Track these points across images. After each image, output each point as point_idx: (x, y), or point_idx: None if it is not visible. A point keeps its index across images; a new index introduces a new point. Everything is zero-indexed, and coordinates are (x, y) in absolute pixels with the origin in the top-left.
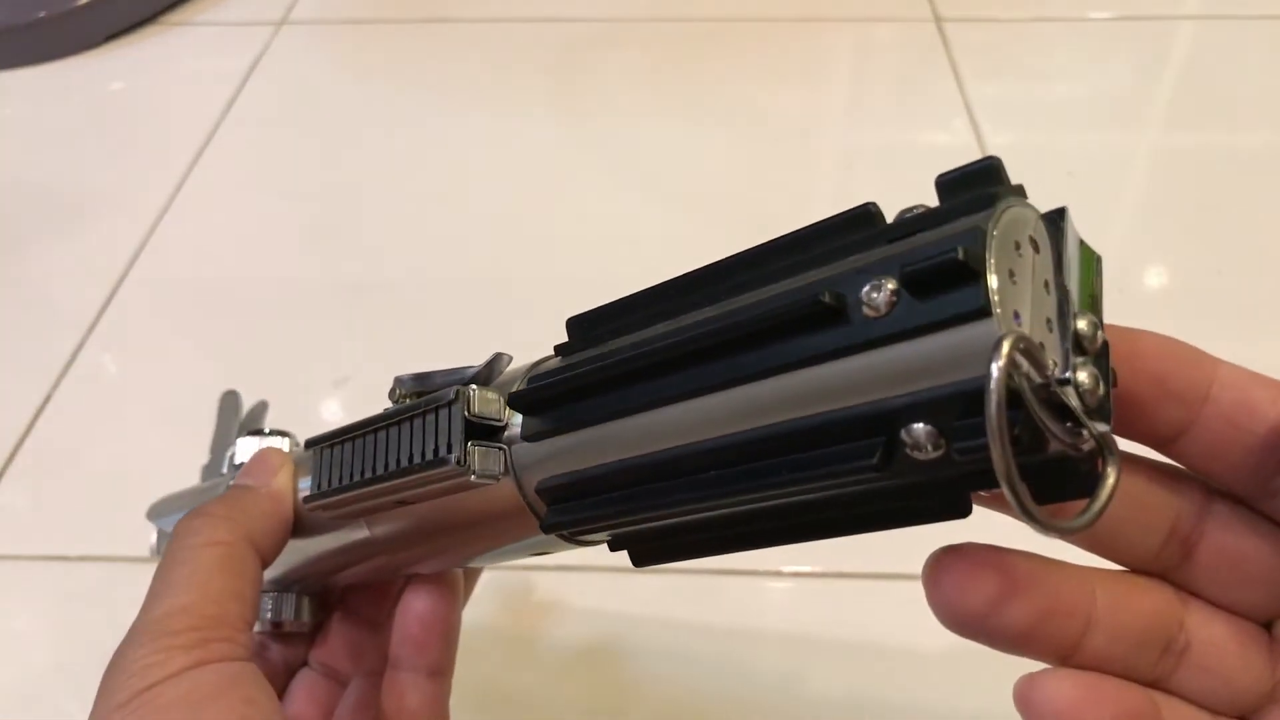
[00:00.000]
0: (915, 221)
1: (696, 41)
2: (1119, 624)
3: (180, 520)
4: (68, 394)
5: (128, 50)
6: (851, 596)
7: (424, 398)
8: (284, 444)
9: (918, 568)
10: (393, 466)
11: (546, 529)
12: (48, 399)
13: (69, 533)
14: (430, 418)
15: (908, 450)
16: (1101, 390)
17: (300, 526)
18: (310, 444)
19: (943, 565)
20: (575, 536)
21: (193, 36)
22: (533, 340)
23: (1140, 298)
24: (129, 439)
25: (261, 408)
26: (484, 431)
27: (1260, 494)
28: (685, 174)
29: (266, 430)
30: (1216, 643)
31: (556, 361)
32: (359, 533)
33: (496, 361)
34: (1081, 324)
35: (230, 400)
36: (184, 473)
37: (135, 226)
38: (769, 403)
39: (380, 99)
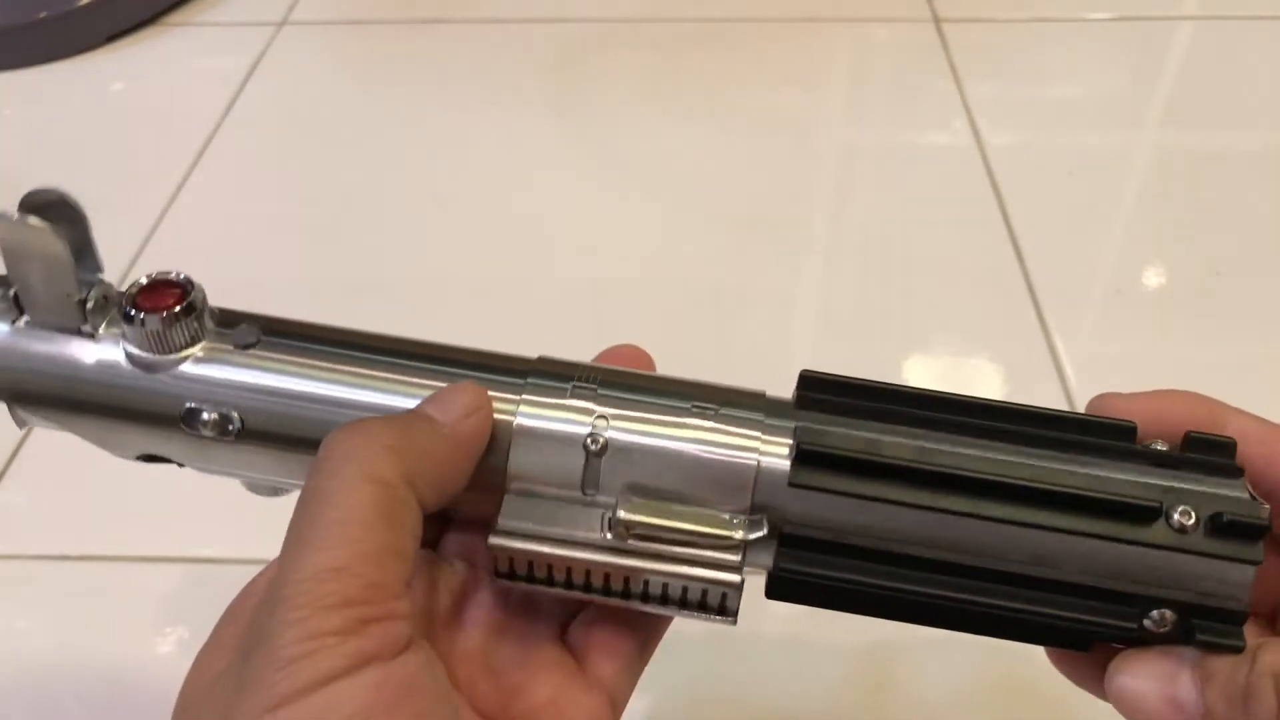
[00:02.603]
0: (1173, 459)
1: (696, 41)
2: None
3: (336, 432)
4: None
5: (128, 51)
6: None
7: (693, 554)
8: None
9: None
10: (649, 603)
11: (780, 572)
12: None
13: (69, 532)
14: (707, 586)
15: (1144, 620)
16: None
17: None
18: (495, 546)
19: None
20: (785, 576)
21: (193, 37)
22: (533, 341)
23: (1140, 298)
24: None
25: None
26: None
27: None
28: (685, 174)
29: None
30: None
31: (805, 413)
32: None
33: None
34: None
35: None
36: (184, 473)
37: (136, 227)
38: (1055, 555)
39: (381, 99)
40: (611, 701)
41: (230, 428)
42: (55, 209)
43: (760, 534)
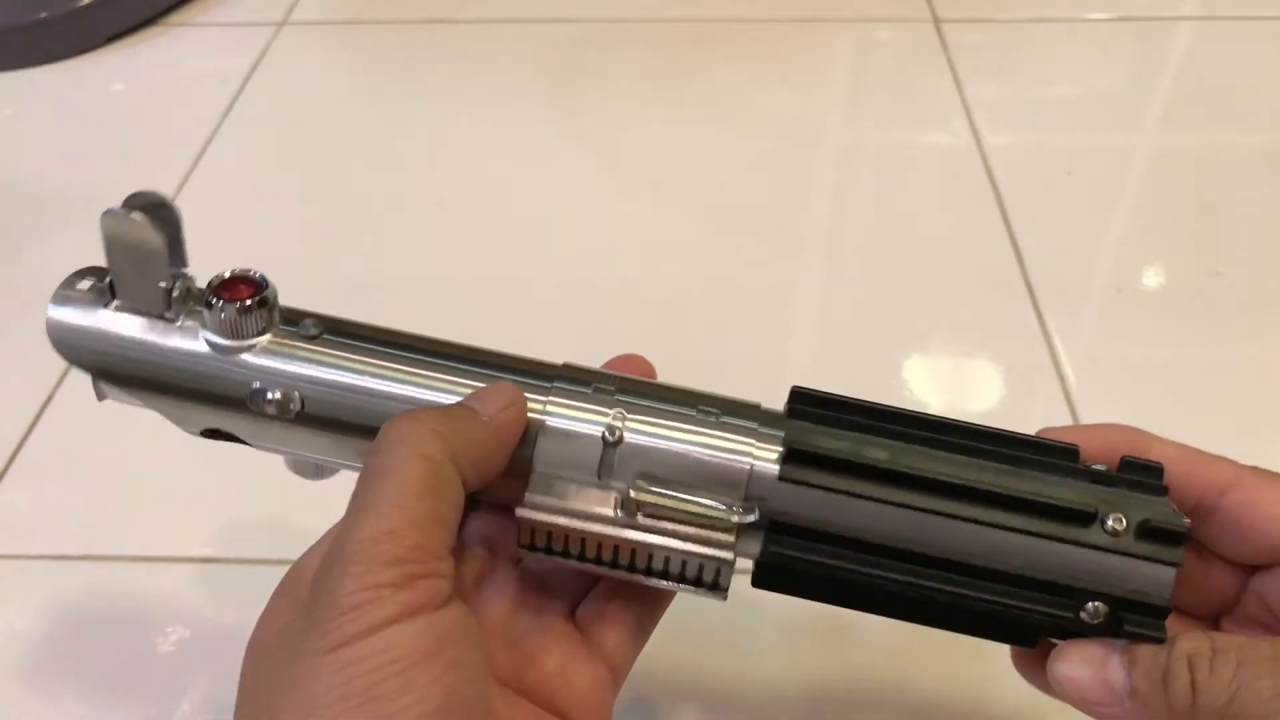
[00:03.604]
0: (1109, 477)
1: (696, 41)
2: None
3: (393, 418)
4: (70, 394)
5: (129, 51)
6: None
7: (692, 531)
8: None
9: None
10: (651, 576)
11: (768, 557)
12: (50, 399)
13: (70, 532)
14: (703, 562)
15: (1080, 612)
16: None
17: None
18: (522, 518)
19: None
20: (771, 560)
21: (194, 37)
22: (533, 341)
23: (1139, 298)
24: (131, 439)
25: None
26: None
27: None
28: (685, 174)
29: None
30: None
31: (793, 423)
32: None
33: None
34: None
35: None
36: (185, 473)
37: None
38: (1007, 551)
39: (381, 99)
40: (612, 671)
41: (291, 408)
42: (154, 209)
43: (753, 518)
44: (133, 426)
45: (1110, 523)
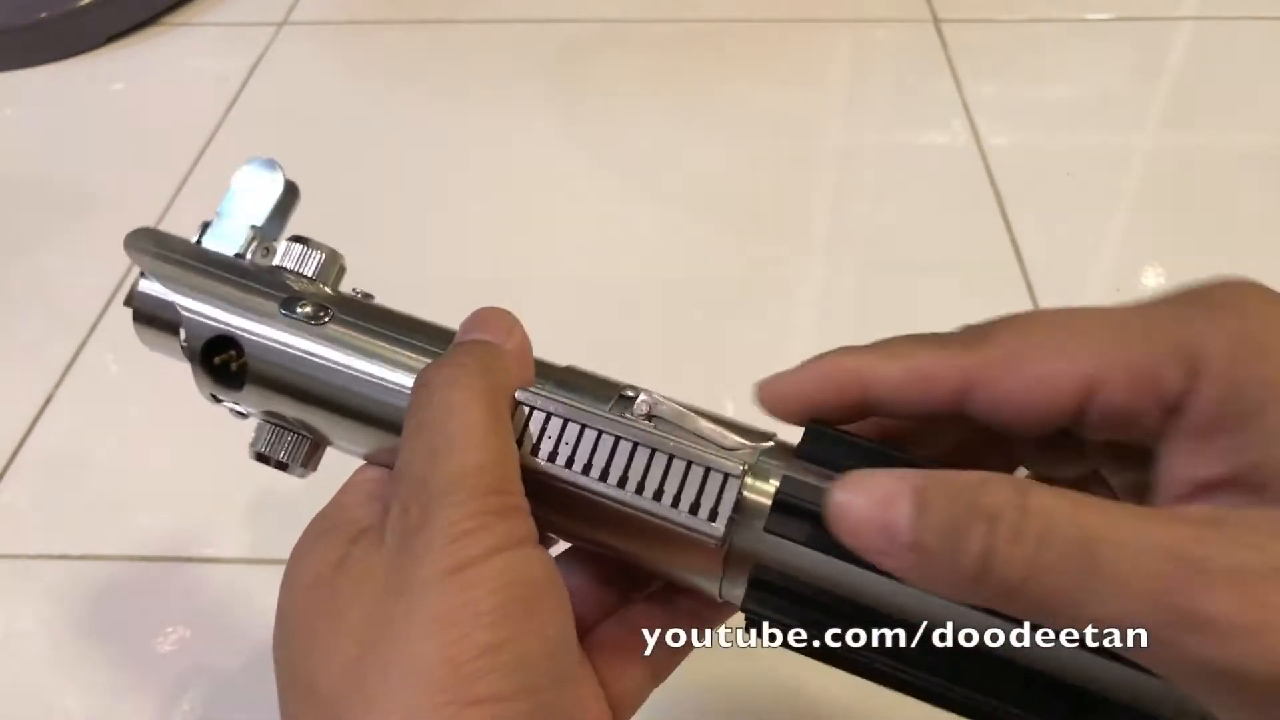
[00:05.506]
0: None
1: (696, 41)
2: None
3: (428, 371)
4: (70, 394)
5: (129, 51)
6: None
7: (698, 446)
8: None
9: None
10: (645, 494)
11: (747, 610)
12: (50, 399)
13: (70, 532)
14: (707, 475)
15: None
16: None
17: None
18: (521, 401)
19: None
20: (751, 617)
21: (194, 37)
22: (532, 340)
23: (1138, 298)
24: (131, 438)
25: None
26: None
27: None
28: (685, 174)
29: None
30: None
31: (800, 465)
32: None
33: (769, 449)
34: None
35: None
36: (185, 473)
37: (137, 226)
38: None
39: (380, 100)
40: (614, 711)
41: (322, 316)
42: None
43: (770, 444)
44: (133, 426)
45: None
